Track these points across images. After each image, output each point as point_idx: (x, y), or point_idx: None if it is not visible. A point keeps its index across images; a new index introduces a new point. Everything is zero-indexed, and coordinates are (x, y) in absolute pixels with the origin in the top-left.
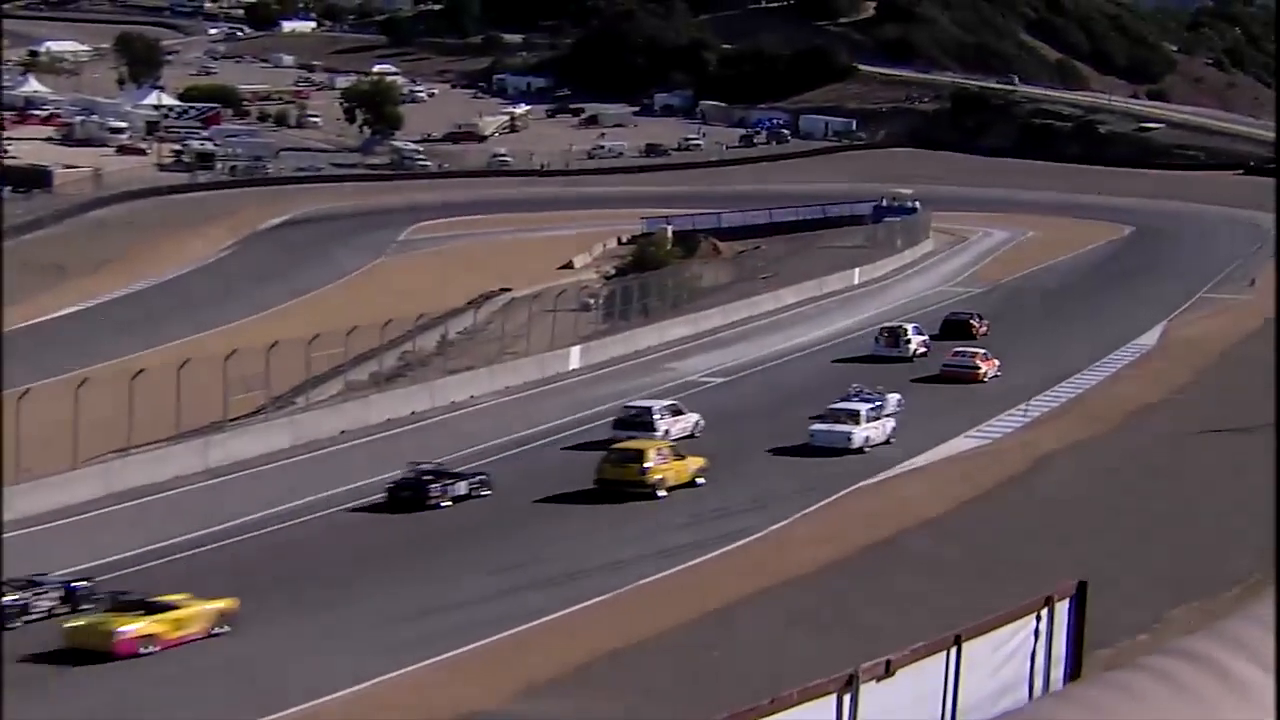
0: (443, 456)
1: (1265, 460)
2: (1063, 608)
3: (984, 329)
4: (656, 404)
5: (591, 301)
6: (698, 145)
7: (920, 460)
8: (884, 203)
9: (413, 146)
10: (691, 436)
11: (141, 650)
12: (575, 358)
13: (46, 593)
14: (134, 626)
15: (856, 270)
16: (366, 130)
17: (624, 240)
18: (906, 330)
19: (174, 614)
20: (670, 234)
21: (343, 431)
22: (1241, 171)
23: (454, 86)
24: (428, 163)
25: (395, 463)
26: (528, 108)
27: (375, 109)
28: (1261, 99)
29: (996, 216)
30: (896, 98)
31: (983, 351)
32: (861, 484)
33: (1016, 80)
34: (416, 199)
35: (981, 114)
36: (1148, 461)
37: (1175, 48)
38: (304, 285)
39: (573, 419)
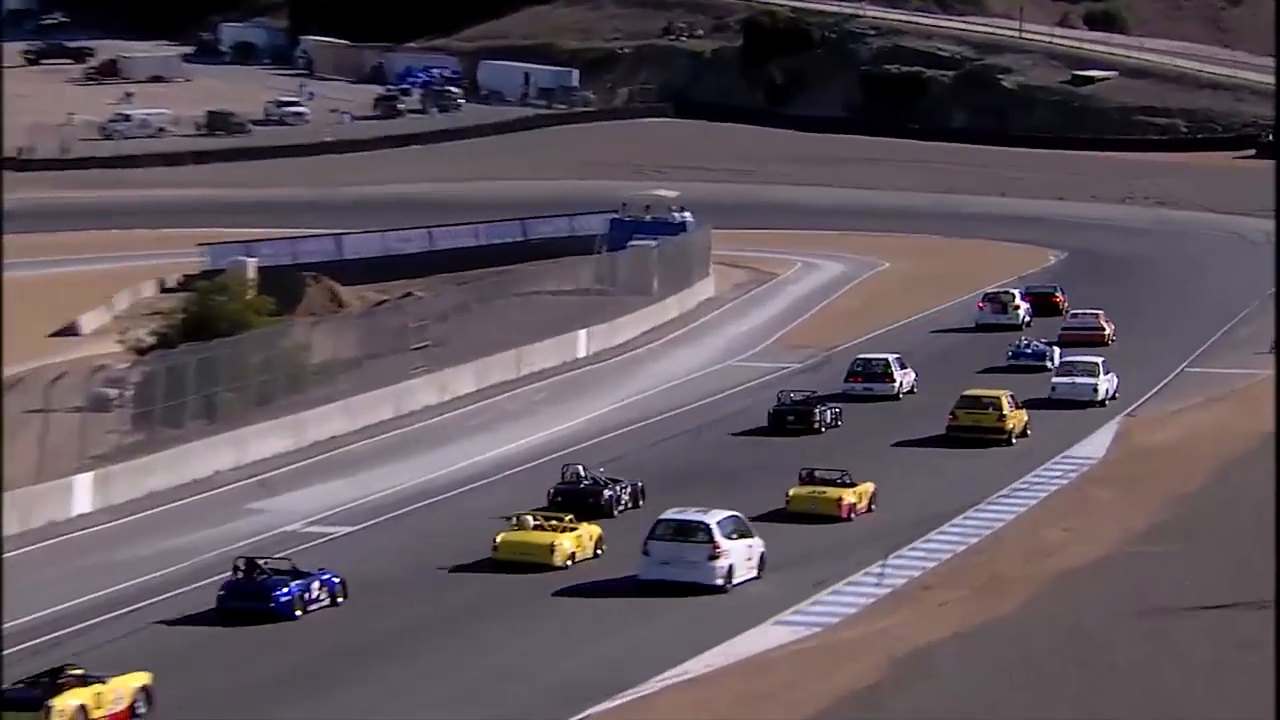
0: None
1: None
2: None
3: (1066, 301)
4: (890, 356)
5: (113, 395)
6: (300, 114)
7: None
8: (627, 214)
9: None
10: None
11: (850, 515)
12: (84, 494)
13: (627, 488)
14: (849, 497)
15: (582, 334)
16: None
17: (171, 285)
18: (1014, 295)
19: (857, 489)
20: (253, 272)
21: None
22: (1251, 153)
23: None
24: None
25: None
26: None
27: None
28: None
29: (827, 236)
30: (648, 30)
31: (1102, 311)
32: (598, 709)
33: None
34: None
35: (798, 57)
36: (1084, 665)
37: None
38: None
39: (78, 605)
